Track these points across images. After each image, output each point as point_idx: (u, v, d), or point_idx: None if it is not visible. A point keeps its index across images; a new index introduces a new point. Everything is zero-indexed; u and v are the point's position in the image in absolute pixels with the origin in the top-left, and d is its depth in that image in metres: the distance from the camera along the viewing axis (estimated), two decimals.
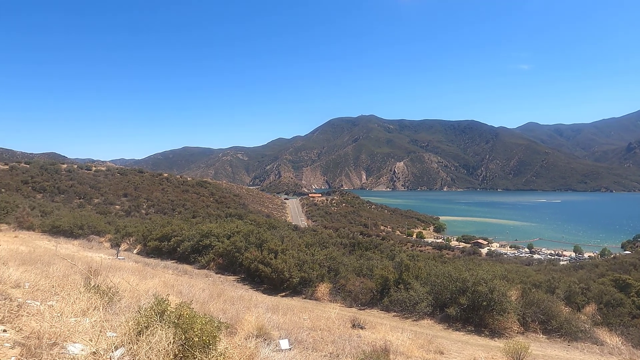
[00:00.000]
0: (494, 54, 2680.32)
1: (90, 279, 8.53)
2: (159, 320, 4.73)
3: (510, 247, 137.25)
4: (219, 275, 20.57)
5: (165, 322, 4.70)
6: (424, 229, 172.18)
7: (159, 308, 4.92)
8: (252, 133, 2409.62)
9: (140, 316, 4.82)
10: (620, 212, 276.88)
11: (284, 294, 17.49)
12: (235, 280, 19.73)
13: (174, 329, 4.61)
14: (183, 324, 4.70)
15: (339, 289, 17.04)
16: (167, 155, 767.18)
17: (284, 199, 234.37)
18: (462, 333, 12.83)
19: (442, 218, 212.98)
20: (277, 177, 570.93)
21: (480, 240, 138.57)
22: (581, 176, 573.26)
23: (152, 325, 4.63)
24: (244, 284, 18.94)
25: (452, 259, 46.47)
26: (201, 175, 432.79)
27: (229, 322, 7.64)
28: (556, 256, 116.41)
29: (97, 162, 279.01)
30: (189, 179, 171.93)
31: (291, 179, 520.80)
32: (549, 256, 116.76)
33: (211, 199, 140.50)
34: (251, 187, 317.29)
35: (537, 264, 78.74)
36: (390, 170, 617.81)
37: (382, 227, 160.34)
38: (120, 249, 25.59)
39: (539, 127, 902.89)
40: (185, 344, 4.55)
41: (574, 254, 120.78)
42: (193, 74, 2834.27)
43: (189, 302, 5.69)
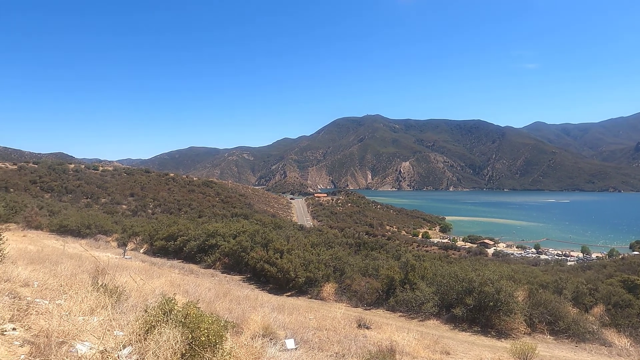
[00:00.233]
0: (500, 53, 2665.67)
1: (97, 278, 8.60)
2: (166, 319, 4.75)
3: (516, 248, 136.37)
4: (225, 274, 20.63)
5: (172, 321, 4.72)
6: (429, 229, 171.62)
7: (166, 307, 4.94)
8: (258, 133, 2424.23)
9: (148, 315, 4.85)
10: (628, 213, 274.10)
11: (289, 293, 17.49)
12: (241, 280, 19.77)
13: (181, 328, 4.63)
14: (190, 323, 4.72)
15: (344, 289, 17.03)
16: (173, 155, 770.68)
17: (289, 198, 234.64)
18: (468, 334, 12.78)
19: (448, 218, 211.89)
20: (282, 177, 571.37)
21: (486, 241, 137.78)
22: (589, 176, 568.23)
23: (159, 324, 4.65)
24: (250, 284, 18.97)
25: (459, 259, 46.31)
26: (207, 175, 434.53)
27: (235, 321, 7.66)
28: (563, 257, 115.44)
29: (104, 162, 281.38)
30: (195, 178, 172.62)
31: (297, 178, 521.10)
32: (556, 256, 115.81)
33: (217, 198, 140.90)
34: (257, 187, 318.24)
35: (544, 264, 78.15)
36: (396, 170, 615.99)
37: (387, 227, 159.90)
38: (127, 248, 25.71)
39: (546, 126, 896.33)
40: (192, 343, 4.56)
41: (581, 255, 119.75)
42: (200, 74, 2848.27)
43: (196, 301, 5.72)
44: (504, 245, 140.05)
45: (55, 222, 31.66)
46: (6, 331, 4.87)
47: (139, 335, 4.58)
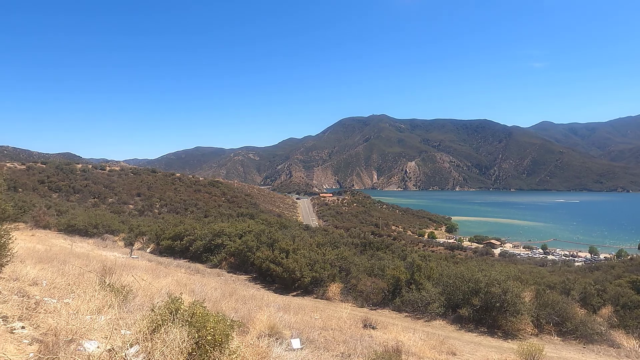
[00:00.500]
0: (507, 52, 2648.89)
1: (105, 277, 8.66)
2: (172, 318, 4.77)
3: (523, 248, 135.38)
4: (231, 274, 20.70)
5: (178, 320, 4.75)
6: (435, 229, 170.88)
7: (172, 306, 4.97)
8: (264, 133, 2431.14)
9: (154, 314, 4.88)
10: (637, 213, 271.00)
11: (295, 293, 17.51)
12: (246, 280, 19.82)
13: (187, 327, 4.65)
14: (196, 322, 4.74)
15: (350, 288, 17.02)
16: (179, 155, 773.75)
17: (295, 198, 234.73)
18: (474, 334, 12.72)
19: (454, 218, 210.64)
20: (288, 176, 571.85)
21: (493, 241, 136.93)
22: (597, 176, 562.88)
23: (166, 323, 4.68)
24: (256, 283, 19.02)
25: (465, 260, 46.10)
26: (213, 175, 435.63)
27: (241, 321, 7.68)
28: (571, 257, 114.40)
29: (111, 162, 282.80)
30: (201, 178, 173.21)
31: (302, 178, 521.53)
32: (563, 257, 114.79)
33: (223, 198, 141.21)
34: (262, 187, 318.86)
35: (552, 265, 77.67)
36: (402, 170, 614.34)
37: (393, 227, 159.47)
38: (133, 247, 25.89)
39: (553, 126, 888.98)
40: (199, 342, 4.59)
41: (589, 255, 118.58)
42: (206, 75, 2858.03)
43: (202, 300, 5.74)
44: (511, 245, 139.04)
45: (63, 222, 31.95)
46: (15, 329, 4.92)
47: (146, 334, 4.61)
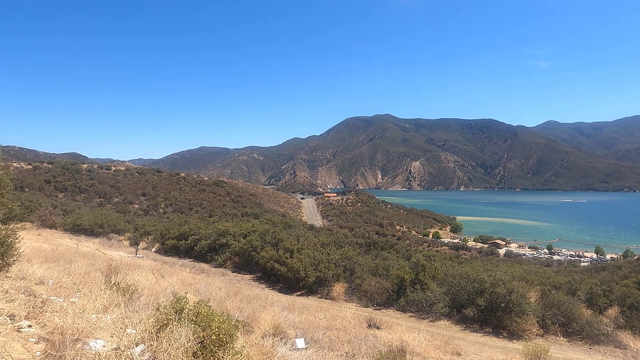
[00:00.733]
0: (512, 51, 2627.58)
1: (110, 277, 8.71)
2: (177, 317, 4.80)
3: (529, 248, 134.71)
4: (236, 274, 20.76)
5: (183, 319, 4.77)
6: (440, 229, 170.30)
7: (177, 306, 4.99)
8: (268, 133, 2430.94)
9: (160, 314, 4.90)
10: None
11: (299, 293, 17.53)
12: (251, 279, 19.87)
13: (192, 326, 4.68)
14: (201, 321, 4.76)
15: (354, 288, 17.01)
16: (184, 155, 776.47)
17: (299, 198, 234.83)
18: (479, 334, 12.68)
19: (459, 218, 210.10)
20: (292, 176, 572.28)
21: (498, 241, 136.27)
22: (603, 175, 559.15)
23: (171, 322, 4.70)
24: (260, 283, 19.07)
25: (470, 260, 45.90)
26: (217, 174, 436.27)
27: (246, 320, 7.70)
28: (577, 257, 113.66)
29: (116, 162, 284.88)
30: (205, 178, 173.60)
31: (306, 178, 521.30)
32: (569, 257, 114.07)
33: (227, 198, 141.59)
34: (267, 187, 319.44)
35: (557, 265, 77.20)
36: (406, 170, 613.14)
37: (397, 227, 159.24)
38: (139, 247, 26.04)
39: (558, 125, 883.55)
40: (204, 341, 4.61)
41: (595, 255, 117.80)
42: (210, 75, 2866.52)
43: (207, 300, 5.76)
44: (516, 245, 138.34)
45: (69, 221, 32.19)
46: (22, 328, 4.97)
47: (152, 333, 4.64)
